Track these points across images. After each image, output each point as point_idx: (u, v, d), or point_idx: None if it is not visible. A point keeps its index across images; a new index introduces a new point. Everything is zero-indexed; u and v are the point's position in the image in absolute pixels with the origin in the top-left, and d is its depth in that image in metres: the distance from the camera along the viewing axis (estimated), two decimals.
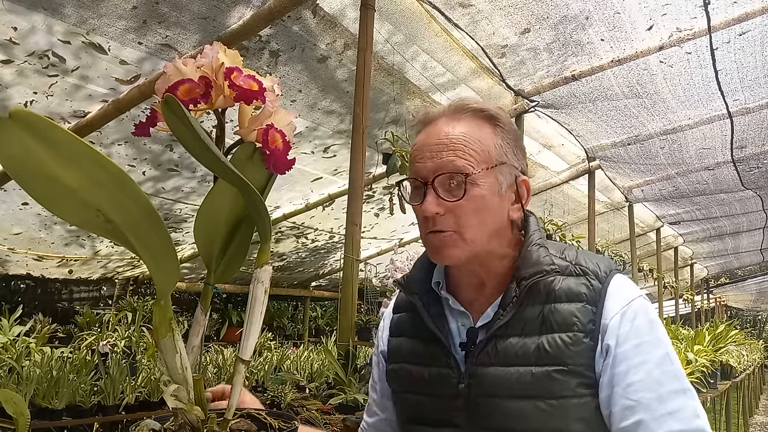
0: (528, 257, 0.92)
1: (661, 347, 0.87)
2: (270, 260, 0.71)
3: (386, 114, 3.70)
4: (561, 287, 0.90)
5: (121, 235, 0.60)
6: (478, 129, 0.91)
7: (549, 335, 0.87)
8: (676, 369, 0.86)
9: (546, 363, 0.86)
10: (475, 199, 0.88)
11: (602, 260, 0.94)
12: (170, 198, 4.13)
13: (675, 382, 0.85)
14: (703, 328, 6.46)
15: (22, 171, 0.54)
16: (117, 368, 2.80)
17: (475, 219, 0.89)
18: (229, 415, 0.68)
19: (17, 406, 0.86)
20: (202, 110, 0.66)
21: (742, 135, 4.61)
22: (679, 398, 0.84)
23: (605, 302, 0.88)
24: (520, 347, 0.88)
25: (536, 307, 0.90)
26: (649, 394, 0.83)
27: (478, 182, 0.88)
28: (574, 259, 0.93)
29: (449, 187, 0.89)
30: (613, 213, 7.18)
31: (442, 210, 0.88)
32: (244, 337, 0.70)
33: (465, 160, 0.88)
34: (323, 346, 4.29)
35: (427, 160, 0.91)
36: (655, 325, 0.89)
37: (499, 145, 0.92)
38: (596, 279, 0.90)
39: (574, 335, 0.87)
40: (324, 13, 2.71)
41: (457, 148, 0.89)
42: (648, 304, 0.91)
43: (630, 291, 0.91)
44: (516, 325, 0.90)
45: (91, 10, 2.36)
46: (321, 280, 7.51)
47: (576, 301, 0.89)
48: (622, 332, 0.86)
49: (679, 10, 3.01)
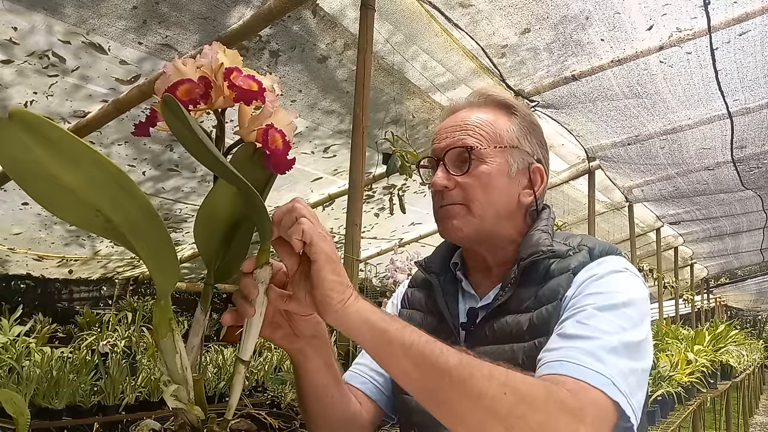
0: (528, 240, 0.95)
1: (614, 299, 0.80)
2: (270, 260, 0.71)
3: (386, 114, 3.70)
4: (555, 267, 0.91)
5: (120, 235, 0.60)
6: (493, 114, 0.97)
7: (538, 309, 0.88)
8: (617, 322, 0.77)
9: (536, 335, 0.86)
10: (482, 175, 0.92)
11: (606, 243, 0.94)
12: (170, 198, 4.13)
13: (605, 324, 0.76)
14: (703, 328, 6.46)
15: (21, 171, 0.54)
16: (117, 368, 2.79)
17: (481, 194, 0.92)
18: (229, 415, 0.68)
19: (17, 406, 0.86)
20: (202, 110, 0.66)
21: (742, 135, 4.61)
22: (598, 333, 0.75)
23: (585, 268, 0.87)
24: (514, 325, 0.90)
25: (532, 287, 0.91)
26: (571, 321, 0.79)
27: (485, 159, 0.93)
28: (578, 243, 0.94)
29: (458, 163, 0.94)
30: (613, 213, 7.18)
31: (450, 184, 0.93)
32: (244, 337, 0.70)
33: (474, 138, 0.94)
34: None
35: (441, 140, 0.97)
36: (627, 288, 0.83)
37: (512, 130, 0.97)
38: (589, 255, 0.90)
39: (558, 303, 0.86)
40: (324, 13, 2.71)
41: (468, 128, 0.95)
42: (632, 277, 0.86)
43: (618, 264, 0.88)
44: (512, 304, 0.92)
45: (91, 10, 2.36)
46: None
47: (564, 272, 0.89)
48: (584, 285, 0.84)
49: (679, 10, 3.00)
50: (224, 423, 0.67)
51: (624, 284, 0.84)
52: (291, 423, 0.71)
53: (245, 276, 0.72)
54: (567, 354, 0.74)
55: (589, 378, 0.70)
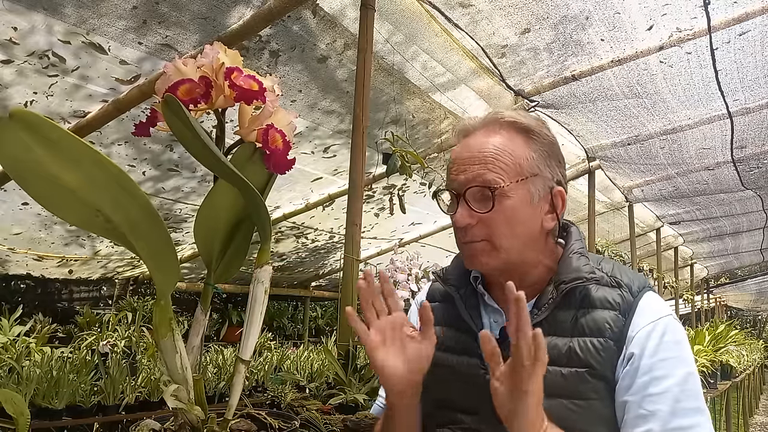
0: (569, 264, 0.95)
1: (685, 366, 0.89)
2: (270, 260, 0.71)
3: (386, 114, 3.70)
4: (596, 295, 0.93)
5: (121, 235, 0.60)
6: (510, 142, 0.94)
7: (581, 338, 0.91)
8: (696, 389, 0.87)
9: (576, 365, 0.89)
10: (506, 210, 0.91)
11: (637, 276, 0.98)
12: (170, 198, 4.13)
13: (692, 401, 0.86)
14: (703, 328, 6.46)
15: (22, 171, 0.54)
16: (117, 368, 2.79)
17: (506, 229, 0.92)
18: (229, 415, 0.68)
19: (17, 406, 0.86)
20: (202, 110, 0.66)
21: (742, 135, 4.61)
22: (693, 416, 0.85)
23: (635, 314, 0.91)
24: (551, 347, 0.91)
25: (570, 311, 0.93)
26: (665, 407, 0.85)
27: (508, 194, 0.91)
28: (610, 272, 0.97)
29: (480, 198, 0.92)
30: (613, 213, 7.18)
31: (473, 221, 0.92)
32: (244, 337, 0.70)
33: (495, 173, 0.91)
34: (323, 346, 4.28)
35: (459, 173, 0.94)
36: (682, 344, 0.91)
37: (532, 158, 0.94)
38: (629, 292, 0.94)
39: (605, 341, 0.90)
40: (324, 13, 2.71)
41: (488, 161, 0.92)
42: (677, 324, 0.93)
43: (661, 308, 0.94)
44: (549, 325, 0.92)
45: (91, 10, 2.36)
46: (321, 280, 7.51)
47: (609, 308, 0.92)
48: (649, 345, 0.89)
49: (679, 10, 3.00)
50: (224, 423, 0.67)
51: (679, 337, 0.92)
52: (291, 423, 0.71)
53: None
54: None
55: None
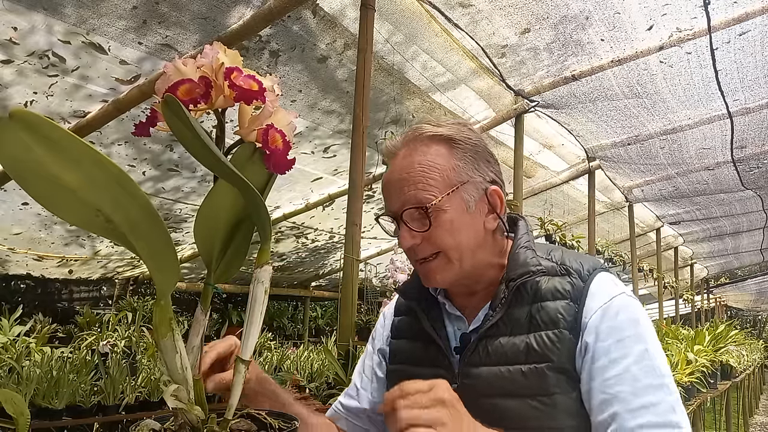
0: (515, 259, 0.95)
1: (641, 343, 0.87)
2: (270, 260, 0.71)
3: (386, 114, 3.70)
4: (547, 287, 0.93)
5: (121, 235, 0.60)
6: (434, 156, 0.93)
7: (536, 333, 0.90)
8: (655, 365, 0.86)
9: (535, 361, 0.88)
10: (445, 223, 0.91)
11: (587, 259, 0.97)
12: (170, 198, 4.13)
13: (653, 377, 0.85)
14: (703, 328, 6.46)
15: (22, 171, 0.54)
16: (117, 368, 2.80)
17: (450, 240, 0.92)
18: (229, 415, 0.68)
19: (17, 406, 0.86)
20: (202, 110, 0.66)
21: (742, 135, 4.61)
22: (656, 393, 0.84)
23: (587, 299, 0.90)
24: (510, 347, 0.91)
25: (524, 307, 0.92)
26: (625, 387, 0.84)
27: (443, 208, 0.91)
28: (560, 260, 0.96)
29: (417, 217, 0.92)
30: (613, 213, 7.18)
31: (417, 240, 0.92)
32: (244, 337, 0.70)
33: (425, 191, 0.91)
34: (323, 346, 4.29)
35: (392, 196, 0.95)
36: (637, 321, 0.89)
37: (458, 166, 0.93)
38: (579, 278, 0.93)
39: (560, 332, 0.89)
40: (324, 13, 2.71)
41: (416, 180, 0.91)
42: (631, 301, 0.91)
43: (612, 288, 0.92)
44: (505, 325, 0.93)
45: (91, 10, 2.36)
46: (321, 280, 7.51)
47: (561, 298, 0.91)
48: (602, 328, 0.88)
49: (679, 10, 3.01)
50: (224, 423, 0.67)
51: (632, 315, 0.90)
52: (291, 423, 0.71)
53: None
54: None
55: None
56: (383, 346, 1.12)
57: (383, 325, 1.15)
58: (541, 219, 5.22)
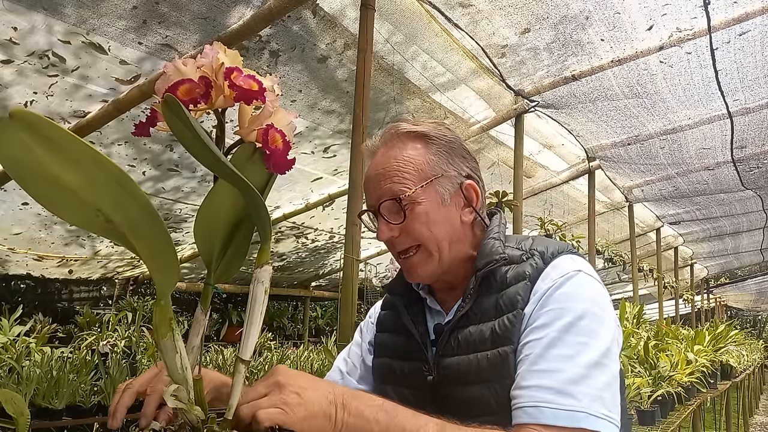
0: (483, 250, 0.97)
1: (569, 315, 0.84)
2: (270, 260, 0.71)
3: (386, 114, 3.70)
4: (511, 273, 0.94)
5: (121, 235, 0.60)
6: (409, 150, 0.97)
7: (499, 318, 0.91)
8: (579, 340, 0.82)
9: (498, 345, 0.89)
10: (420, 215, 0.94)
11: (555, 243, 0.98)
12: (170, 198, 4.13)
13: (568, 349, 0.82)
14: (703, 328, 6.46)
15: (22, 171, 0.54)
16: (117, 368, 2.80)
17: (426, 232, 0.94)
18: (229, 415, 0.68)
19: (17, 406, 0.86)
20: (202, 110, 0.66)
21: (742, 135, 4.61)
22: (564, 362, 0.80)
23: (540, 278, 0.90)
24: (477, 335, 0.92)
25: (492, 296, 0.94)
26: (536, 351, 0.83)
27: (417, 200, 0.94)
28: (529, 247, 0.97)
29: (394, 211, 0.95)
30: (613, 213, 7.18)
31: (395, 233, 0.95)
32: (244, 337, 0.70)
33: (400, 184, 0.94)
34: (323, 346, 4.29)
35: (370, 191, 0.99)
36: (581, 296, 0.86)
37: (432, 161, 0.97)
38: (541, 259, 0.93)
39: (518, 312, 0.89)
40: (324, 13, 2.71)
41: (392, 174, 0.95)
42: (585, 278, 0.89)
43: (569, 266, 0.91)
44: (474, 315, 0.94)
45: (91, 10, 2.36)
46: (321, 280, 7.51)
47: (522, 281, 0.92)
48: (543, 298, 0.88)
49: (679, 10, 3.01)
50: (224, 423, 0.67)
51: (578, 290, 0.87)
52: None
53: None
54: (540, 397, 0.79)
55: (566, 420, 0.76)
56: (371, 338, 1.15)
57: (373, 315, 1.18)
58: (541, 219, 5.22)
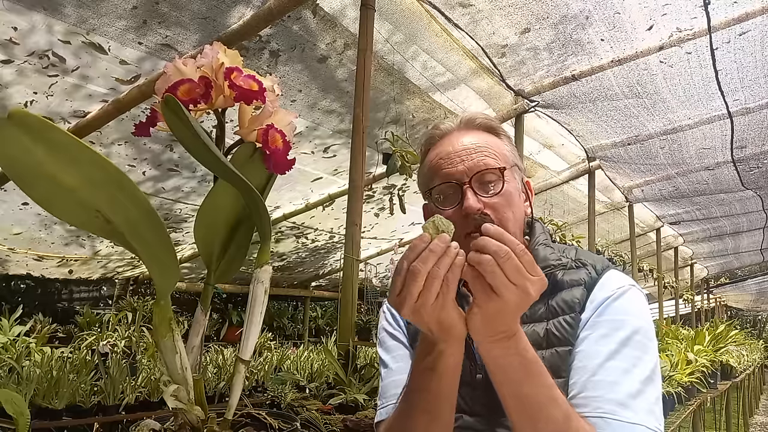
0: (536, 254, 0.98)
1: (627, 329, 0.88)
2: (270, 260, 0.71)
3: (386, 114, 3.70)
4: (564, 279, 0.96)
5: (120, 235, 0.60)
6: (489, 137, 1.00)
7: (555, 319, 0.93)
8: (635, 355, 0.86)
9: (554, 345, 0.91)
10: (507, 194, 0.95)
11: (600, 258, 1.02)
12: (170, 198, 4.13)
13: (625, 362, 0.85)
14: (703, 328, 6.46)
15: (21, 172, 0.54)
16: (117, 368, 2.79)
17: (510, 212, 0.95)
18: (229, 415, 0.68)
19: (17, 406, 0.86)
20: (202, 110, 0.66)
21: (742, 135, 4.61)
22: (622, 375, 0.84)
23: (597, 287, 0.94)
24: (530, 333, 0.92)
25: (543, 298, 0.94)
26: (595, 360, 0.86)
27: (507, 179, 0.95)
28: (574, 257, 1.00)
29: (485, 184, 0.94)
30: (613, 213, 7.18)
31: (482, 206, 0.93)
32: (244, 337, 0.70)
33: (494, 158, 0.96)
34: (323, 346, 4.29)
35: (457, 164, 0.96)
36: (635, 311, 0.90)
37: (509, 150, 1.01)
38: (594, 270, 0.97)
39: (576, 315, 0.92)
40: (324, 13, 2.71)
41: (484, 149, 0.96)
42: (638, 294, 0.93)
43: (624, 280, 0.95)
44: (525, 315, 0.92)
45: (91, 10, 2.36)
46: (321, 280, 7.51)
47: (577, 286, 0.95)
48: (602, 307, 0.91)
49: (679, 10, 3.00)
50: (224, 423, 0.67)
51: (633, 306, 0.91)
52: (291, 423, 0.71)
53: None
54: (605, 408, 0.82)
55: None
56: (405, 332, 1.09)
57: (398, 318, 1.11)
58: (541, 219, 5.21)
